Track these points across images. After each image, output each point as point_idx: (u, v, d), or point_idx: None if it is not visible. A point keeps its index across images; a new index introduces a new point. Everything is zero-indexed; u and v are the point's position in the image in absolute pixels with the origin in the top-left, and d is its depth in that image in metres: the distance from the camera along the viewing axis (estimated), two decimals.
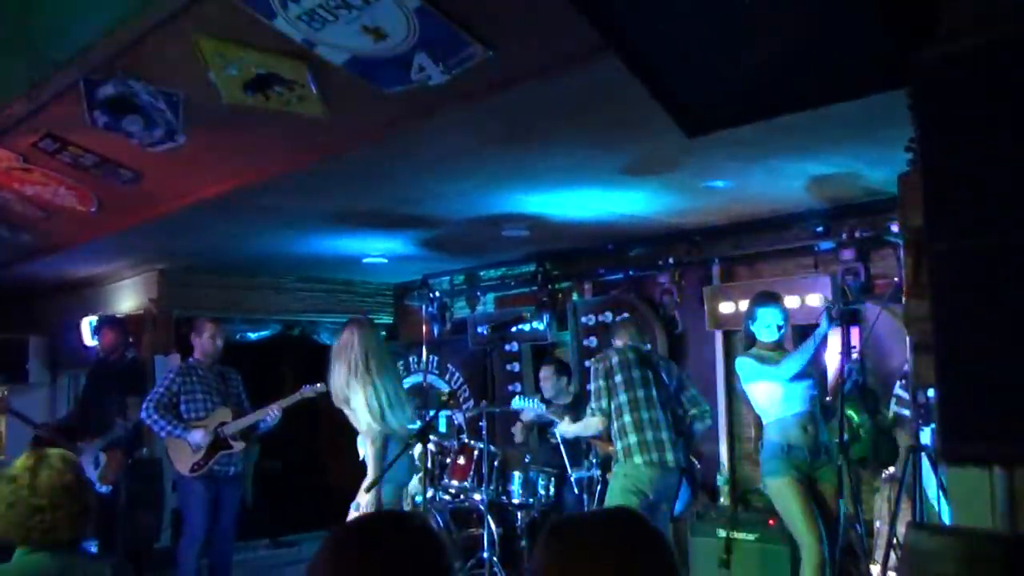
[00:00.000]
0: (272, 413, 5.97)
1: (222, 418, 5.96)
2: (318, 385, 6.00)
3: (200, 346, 6.13)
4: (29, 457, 2.50)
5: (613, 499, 4.93)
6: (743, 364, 4.98)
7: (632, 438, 4.97)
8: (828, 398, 5.11)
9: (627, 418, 5.00)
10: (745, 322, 5.11)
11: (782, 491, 4.75)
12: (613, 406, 5.07)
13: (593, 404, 5.14)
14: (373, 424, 4.76)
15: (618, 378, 5.08)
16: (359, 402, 4.78)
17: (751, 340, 5.06)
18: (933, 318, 1.77)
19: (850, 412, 5.21)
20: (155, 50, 3.57)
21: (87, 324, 8.20)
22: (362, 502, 4.69)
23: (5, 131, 4.57)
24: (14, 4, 3.28)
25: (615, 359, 5.13)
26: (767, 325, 4.94)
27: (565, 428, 5.65)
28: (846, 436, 5.04)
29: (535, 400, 6.30)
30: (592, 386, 5.17)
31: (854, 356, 5.27)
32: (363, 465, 4.98)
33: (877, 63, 1.99)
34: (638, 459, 4.91)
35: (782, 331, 4.95)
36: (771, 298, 5.05)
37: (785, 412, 4.82)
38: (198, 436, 5.84)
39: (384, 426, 4.80)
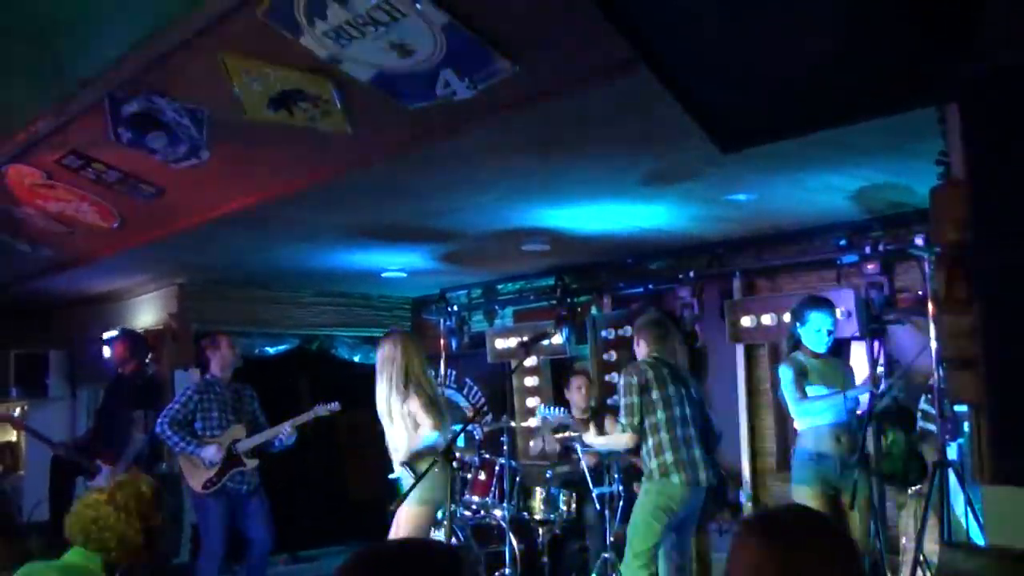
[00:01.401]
0: (285, 431, 5.99)
1: (236, 435, 6.00)
2: (332, 404, 6.03)
3: (219, 359, 6.17)
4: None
5: (645, 516, 4.80)
6: (784, 374, 4.96)
7: (669, 456, 4.83)
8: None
9: (664, 436, 4.86)
10: (793, 323, 5.05)
11: (803, 500, 4.74)
12: (648, 423, 4.89)
13: (624, 419, 4.94)
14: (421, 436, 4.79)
15: (655, 395, 4.90)
16: (400, 418, 4.81)
17: (796, 344, 4.99)
18: (982, 334, 1.74)
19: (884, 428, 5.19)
20: (181, 67, 3.58)
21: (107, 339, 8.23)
22: (406, 523, 4.68)
23: (30, 148, 4.60)
24: (41, 21, 3.30)
25: (651, 373, 4.95)
26: (816, 330, 4.87)
27: (592, 440, 5.50)
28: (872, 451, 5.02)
29: (561, 409, 6.28)
30: (624, 400, 4.96)
31: (894, 372, 5.21)
32: (393, 483, 4.97)
33: (916, 78, 1.97)
34: (676, 478, 4.78)
35: (831, 338, 4.88)
36: (823, 303, 4.97)
37: (820, 421, 4.83)
38: (211, 451, 5.87)
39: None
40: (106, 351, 8.16)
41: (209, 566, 5.87)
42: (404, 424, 4.85)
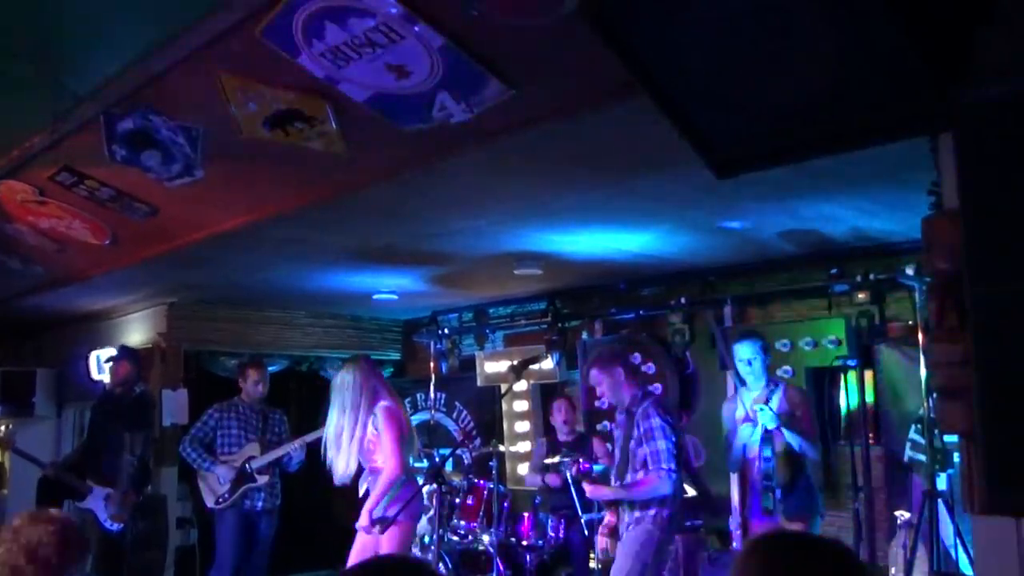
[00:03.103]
0: (294, 448, 6.07)
1: (251, 453, 6.18)
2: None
3: (244, 390, 6.41)
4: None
5: (640, 554, 4.58)
6: (723, 418, 5.14)
7: (667, 512, 4.60)
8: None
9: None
10: None
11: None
12: None
13: (667, 464, 4.50)
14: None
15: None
16: (347, 444, 4.86)
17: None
18: (977, 364, 1.74)
19: None
20: (177, 85, 3.58)
21: (95, 358, 8.17)
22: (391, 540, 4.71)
23: (23, 164, 4.59)
24: (37, 37, 3.30)
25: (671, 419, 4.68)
26: (740, 360, 5.02)
27: (610, 493, 4.84)
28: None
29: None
30: (668, 444, 4.53)
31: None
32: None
33: (912, 106, 1.99)
34: (668, 535, 4.69)
35: (752, 366, 5.00)
36: (744, 334, 5.09)
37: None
38: (222, 469, 6.11)
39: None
40: (95, 372, 8.10)
41: None
42: (350, 452, 4.90)
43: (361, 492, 5.21)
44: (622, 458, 4.75)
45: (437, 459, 7.16)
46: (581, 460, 5.88)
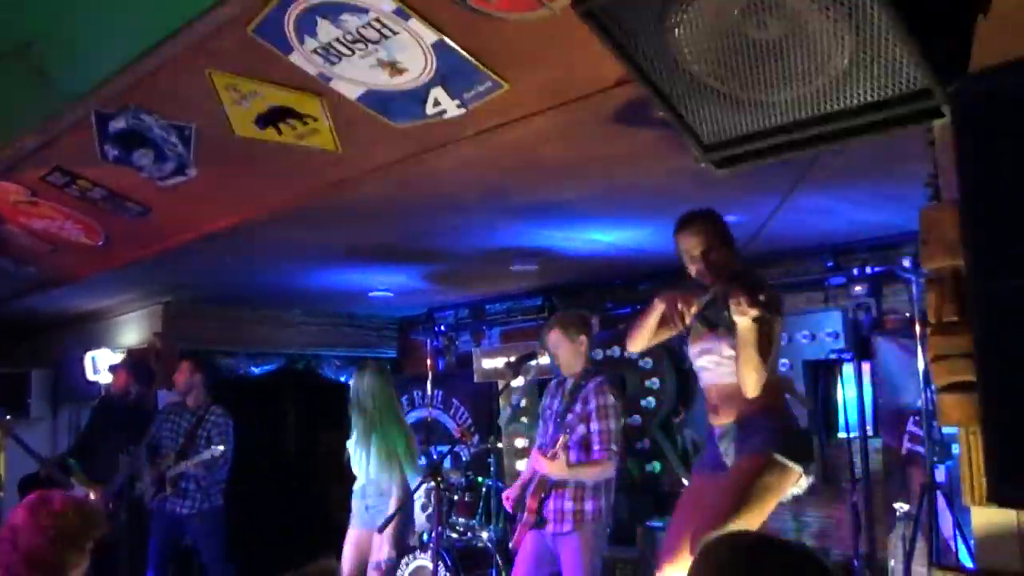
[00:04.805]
0: (183, 467, 6.08)
1: (168, 462, 6.18)
2: (219, 448, 6.05)
3: (177, 383, 6.40)
4: None
5: (593, 562, 4.41)
6: None
7: (604, 503, 4.47)
8: None
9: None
10: None
11: None
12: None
13: (615, 446, 4.42)
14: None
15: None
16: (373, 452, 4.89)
17: None
18: (979, 358, 1.73)
19: None
20: (169, 83, 3.55)
21: (90, 358, 8.14)
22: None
23: (14, 164, 4.55)
24: (28, 37, 3.28)
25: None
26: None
27: (564, 471, 4.47)
28: None
29: None
30: (613, 424, 4.45)
31: None
32: None
33: (908, 97, 1.98)
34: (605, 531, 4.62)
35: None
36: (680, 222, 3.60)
37: None
38: (147, 472, 6.24)
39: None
40: (90, 370, 8.07)
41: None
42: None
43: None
44: (554, 432, 4.53)
45: (435, 456, 7.15)
46: None
